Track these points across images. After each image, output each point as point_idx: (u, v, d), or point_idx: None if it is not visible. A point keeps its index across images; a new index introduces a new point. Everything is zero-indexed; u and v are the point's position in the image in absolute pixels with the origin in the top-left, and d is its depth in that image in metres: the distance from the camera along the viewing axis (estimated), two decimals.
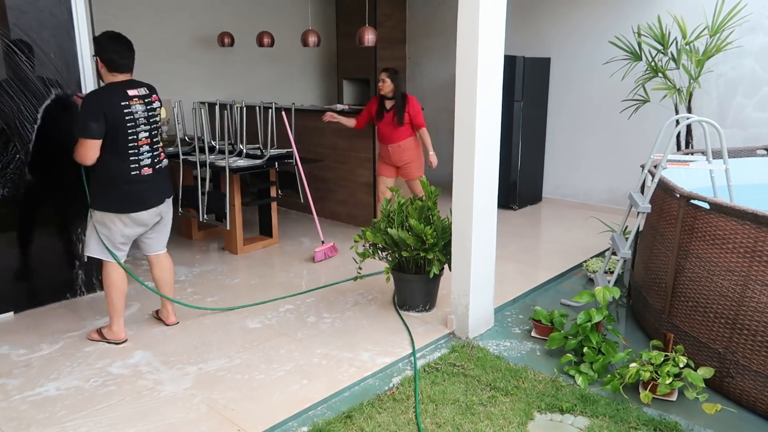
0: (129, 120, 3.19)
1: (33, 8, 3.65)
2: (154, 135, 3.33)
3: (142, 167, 3.28)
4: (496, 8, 3.20)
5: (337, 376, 3.07)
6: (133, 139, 3.22)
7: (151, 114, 3.30)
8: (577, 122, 6.69)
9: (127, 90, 3.21)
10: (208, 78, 7.39)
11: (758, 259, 2.76)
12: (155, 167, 3.35)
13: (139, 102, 3.24)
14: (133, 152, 3.23)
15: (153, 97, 3.35)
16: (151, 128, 3.31)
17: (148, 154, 3.30)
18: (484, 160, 3.34)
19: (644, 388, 2.89)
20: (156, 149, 3.35)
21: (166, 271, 3.62)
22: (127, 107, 3.18)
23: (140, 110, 3.23)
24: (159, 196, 3.39)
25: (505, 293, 4.11)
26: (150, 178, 3.32)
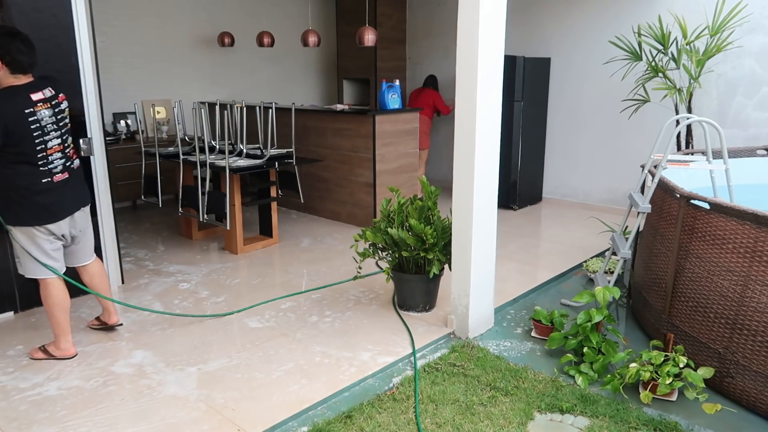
0: (35, 129, 2.87)
1: (33, 8, 3.65)
2: (65, 140, 3.05)
3: (54, 174, 3.01)
4: (496, 8, 3.20)
5: (337, 376, 3.07)
6: (41, 149, 2.92)
7: (60, 117, 3.02)
8: (577, 122, 6.69)
9: (29, 94, 2.87)
10: (208, 78, 7.39)
11: (758, 259, 2.76)
12: (69, 170, 3.09)
13: (45, 107, 2.93)
14: (42, 162, 2.94)
15: (60, 97, 3.04)
16: (62, 133, 3.03)
17: (59, 161, 3.03)
18: (484, 160, 3.34)
19: (644, 388, 2.89)
20: (67, 152, 3.09)
21: (96, 276, 3.40)
22: (32, 114, 2.86)
23: (47, 115, 2.92)
24: (74, 203, 3.13)
25: (505, 293, 4.11)
26: (63, 184, 3.05)
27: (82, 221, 3.22)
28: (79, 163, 3.23)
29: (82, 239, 3.28)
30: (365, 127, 5.63)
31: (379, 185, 5.69)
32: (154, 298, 4.10)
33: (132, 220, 6.17)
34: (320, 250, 5.19)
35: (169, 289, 4.26)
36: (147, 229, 5.83)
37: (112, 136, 6.37)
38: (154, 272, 4.60)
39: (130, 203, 6.71)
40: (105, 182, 4.09)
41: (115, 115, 6.60)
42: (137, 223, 6.04)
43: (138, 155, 5.44)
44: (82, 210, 3.20)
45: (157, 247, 5.25)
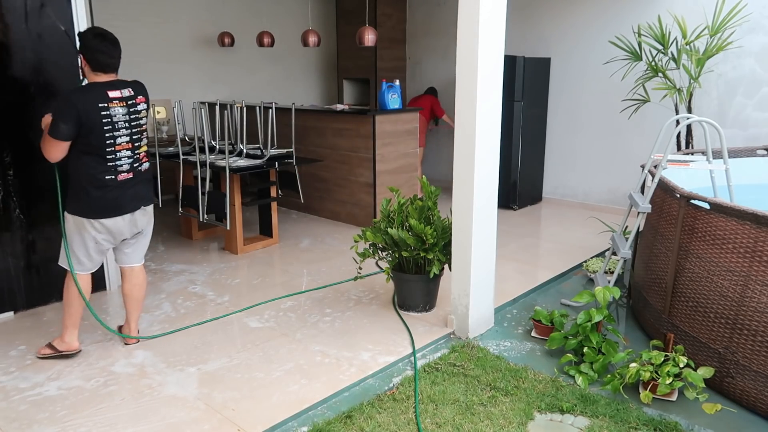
0: (106, 123, 2.97)
1: (33, 9, 3.65)
2: (136, 139, 3.12)
3: (119, 173, 3.07)
4: (496, 8, 3.20)
5: (337, 376, 3.07)
6: (110, 143, 3.01)
7: (134, 117, 3.10)
8: (577, 122, 6.69)
9: (107, 91, 3.00)
10: (208, 78, 7.39)
11: (758, 259, 2.76)
12: (135, 171, 3.15)
13: (120, 104, 3.03)
14: (110, 157, 3.02)
15: (138, 98, 3.14)
16: (133, 132, 3.10)
17: (127, 160, 3.10)
18: (484, 160, 3.34)
19: (644, 388, 2.89)
20: (137, 153, 3.15)
21: (137, 286, 3.38)
22: (105, 110, 2.97)
23: (120, 113, 3.03)
24: (135, 202, 3.16)
25: (505, 293, 4.11)
26: (126, 184, 3.11)
27: (142, 220, 3.26)
28: (147, 166, 3.28)
29: (139, 238, 3.33)
30: (365, 127, 5.63)
31: (379, 185, 5.69)
32: (156, 298, 4.09)
33: None
34: (320, 250, 5.19)
35: (170, 290, 4.26)
36: None
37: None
38: (155, 272, 4.60)
39: None
40: None
41: None
42: None
43: None
44: (143, 209, 3.23)
45: (157, 247, 5.25)
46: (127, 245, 3.32)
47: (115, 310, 3.94)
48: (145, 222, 3.30)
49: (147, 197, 3.27)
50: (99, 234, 3.11)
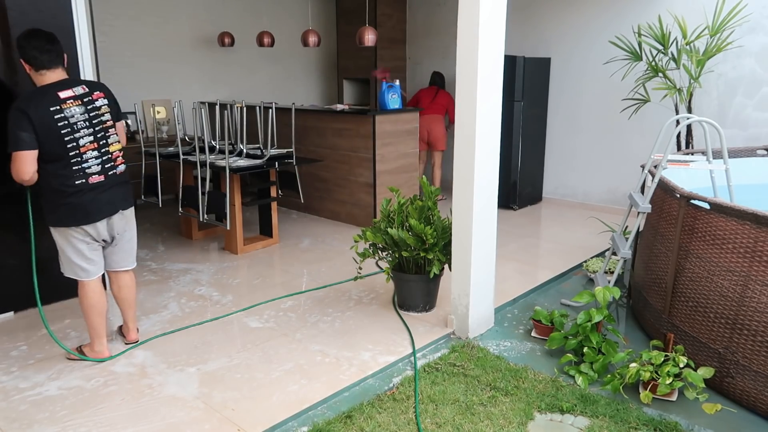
0: (63, 126, 2.85)
1: (33, 9, 3.65)
2: (100, 138, 3.00)
3: (89, 175, 2.96)
4: (496, 8, 3.20)
5: (338, 376, 3.07)
6: (72, 147, 2.89)
7: (93, 115, 2.96)
8: (577, 122, 6.69)
9: (57, 92, 2.87)
10: (208, 78, 7.39)
11: (758, 259, 2.76)
12: (107, 173, 3.04)
13: (76, 104, 2.91)
14: (75, 161, 2.91)
15: (95, 94, 2.99)
16: (96, 131, 2.98)
17: (96, 161, 2.99)
18: (484, 161, 3.34)
19: (644, 388, 2.89)
20: (105, 153, 3.03)
21: (124, 288, 3.32)
22: (59, 112, 2.85)
23: (78, 113, 2.90)
24: (111, 206, 3.07)
25: (505, 293, 4.11)
26: (100, 187, 3.01)
27: (120, 224, 3.17)
28: (123, 169, 3.17)
29: (120, 243, 3.23)
30: (365, 127, 5.63)
31: (379, 185, 5.69)
32: (156, 299, 4.10)
33: None
34: (320, 250, 5.19)
35: (171, 290, 4.26)
36: (147, 229, 5.83)
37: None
38: (155, 272, 4.60)
39: None
40: None
41: None
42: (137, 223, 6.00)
43: (138, 155, 5.44)
44: (120, 213, 3.15)
45: (157, 247, 5.25)
46: (112, 251, 3.22)
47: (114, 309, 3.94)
48: (122, 226, 3.19)
49: (125, 200, 3.16)
50: (85, 238, 3.06)
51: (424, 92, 7.03)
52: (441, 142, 6.92)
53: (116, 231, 3.17)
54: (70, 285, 4.03)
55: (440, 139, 6.90)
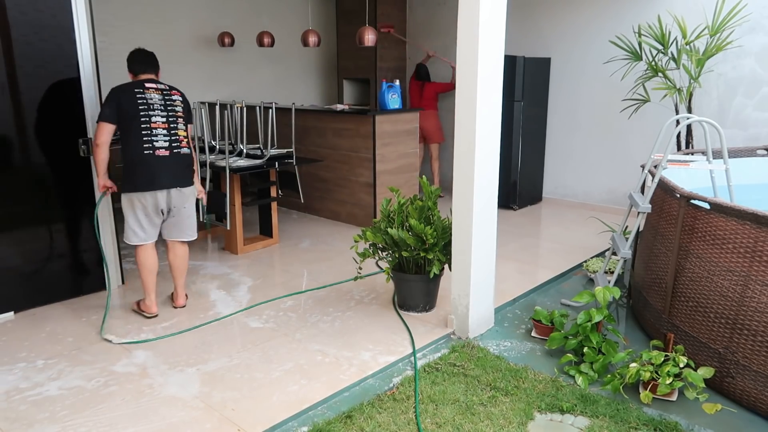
0: (142, 104, 3.53)
1: (33, 9, 3.65)
2: (171, 121, 3.61)
3: (157, 148, 3.55)
4: (496, 9, 3.20)
5: (338, 376, 3.07)
6: (145, 121, 3.53)
7: (168, 103, 3.63)
8: (577, 122, 6.69)
9: (144, 83, 3.61)
10: (208, 78, 7.39)
11: (758, 259, 2.76)
12: (172, 150, 3.60)
13: (156, 92, 3.61)
14: (146, 133, 3.53)
15: (173, 92, 3.69)
16: (169, 114, 3.61)
17: (164, 138, 3.58)
18: (484, 160, 3.34)
19: (644, 388, 2.89)
20: (174, 134, 3.62)
21: (178, 257, 3.84)
22: (141, 94, 3.55)
23: (156, 98, 3.59)
24: (171, 180, 3.59)
25: (505, 293, 4.11)
26: (164, 161, 3.57)
27: (177, 199, 3.67)
28: (187, 152, 3.70)
29: (177, 216, 3.72)
30: (365, 127, 5.63)
31: (379, 185, 5.69)
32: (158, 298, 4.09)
33: None
34: (320, 250, 5.19)
35: (172, 289, 4.26)
36: None
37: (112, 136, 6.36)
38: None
39: None
40: None
41: None
42: None
43: None
44: (177, 189, 3.64)
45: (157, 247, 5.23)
46: (169, 223, 3.74)
47: (114, 309, 3.95)
48: (180, 201, 3.69)
49: (183, 179, 3.67)
50: (146, 208, 3.59)
51: (412, 86, 7.23)
52: (436, 134, 7.09)
53: (173, 204, 3.68)
54: (67, 286, 4.06)
55: (435, 132, 7.07)
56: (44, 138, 3.82)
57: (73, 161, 3.95)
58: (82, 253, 4.07)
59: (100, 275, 4.16)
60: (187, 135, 3.71)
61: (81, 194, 4.02)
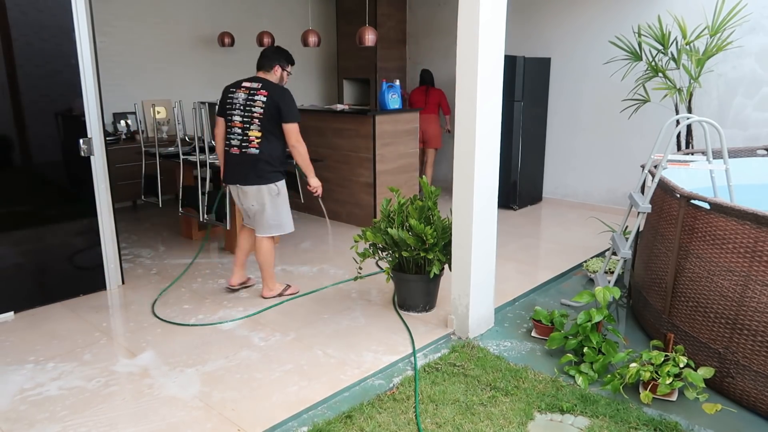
0: (229, 103, 3.81)
1: (33, 9, 3.65)
2: (246, 121, 3.77)
3: (232, 146, 3.83)
4: (496, 8, 3.20)
5: (338, 376, 3.07)
6: (230, 120, 3.82)
7: (249, 104, 3.76)
8: (577, 122, 6.69)
9: (243, 82, 3.81)
10: (208, 78, 7.39)
11: (758, 259, 2.76)
12: (241, 149, 3.79)
13: (244, 92, 3.77)
14: (229, 131, 3.84)
15: (260, 92, 3.75)
16: (244, 115, 3.77)
17: (238, 137, 3.79)
18: (484, 160, 3.34)
19: (644, 388, 2.89)
20: (245, 134, 3.77)
21: (256, 250, 4.01)
22: (233, 93, 3.81)
23: (241, 98, 3.77)
24: (236, 177, 3.83)
25: (505, 293, 4.11)
26: (233, 158, 3.82)
27: (240, 196, 3.90)
28: (255, 152, 3.77)
29: (249, 212, 3.95)
30: (365, 127, 5.63)
31: (379, 185, 5.69)
32: (157, 298, 4.10)
33: (132, 220, 6.17)
34: (320, 250, 5.19)
35: (171, 289, 4.26)
36: (147, 229, 5.83)
37: (112, 136, 6.37)
38: (155, 272, 4.60)
39: (130, 203, 6.71)
40: (105, 182, 4.09)
41: (115, 115, 6.60)
42: (137, 223, 6.04)
43: (138, 155, 5.44)
44: (238, 186, 3.85)
45: (157, 247, 5.25)
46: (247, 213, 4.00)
47: (114, 309, 3.95)
48: (243, 200, 3.89)
49: (245, 177, 3.81)
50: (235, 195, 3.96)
51: (416, 93, 7.13)
52: (436, 140, 7.07)
53: (241, 200, 3.92)
54: (67, 286, 4.06)
55: (436, 137, 7.05)
56: (44, 138, 3.83)
57: (73, 161, 3.95)
58: (82, 253, 4.08)
59: (100, 275, 4.16)
60: (261, 135, 3.75)
61: (81, 194, 4.03)
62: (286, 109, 3.73)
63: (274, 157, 3.80)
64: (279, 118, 3.74)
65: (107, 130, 6.13)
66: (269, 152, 3.77)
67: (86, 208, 4.03)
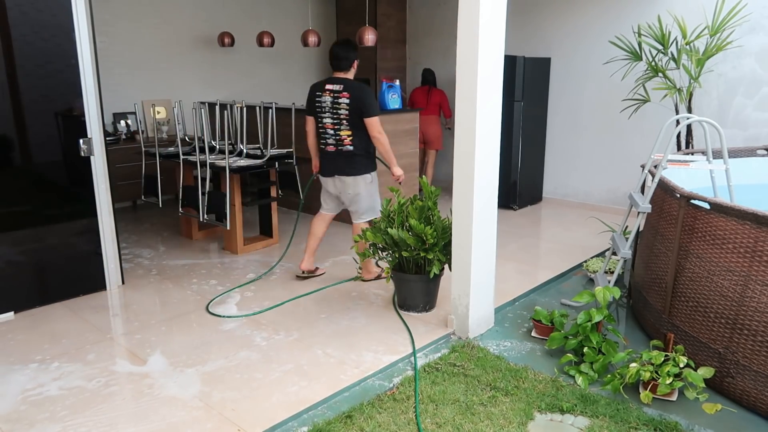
0: (318, 106, 4.11)
1: (33, 9, 3.65)
2: (336, 123, 4.07)
3: (327, 145, 4.16)
4: (496, 8, 3.20)
5: (338, 376, 3.07)
6: (320, 121, 4.14)
7: (335, 106, 4.03)
8: (577, 122, 6.69)
9: (326, 84, 4.08)
10: (208, 78, 7.39)
11: (758, 259, 2.76)
12: (337, 148, 4.12)
13: (329, 95, 4.05)
14: (321, 132, 4.18)
15: (342, 94, 4.01)
16: (333, 117, 4.06)
17: (332, 137, 4.12)
18: (484, 161, 3.34)
19: (644, 388, 2.89)
20: (338, 135, 4.08)
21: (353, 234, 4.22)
22: (319, 97, 4.10)
23: (328, 101, 4.05)
24: (332, 171, 4.18)
25: (505, 293, 4.11)
26: (330, 155, 4.16)
27: (339, 186, 4.22)
28: (351, 149, 4.10)
29: (344, 201, 4.27)
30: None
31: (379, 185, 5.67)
32: (158, 298, 4.10)
33: (132, 220, 6.17)
34: (320, 250, 5.18)
35: (170, 289, 4.26)
36: (147, 229, 5.83)
37: (112, 136, 6.37)
38: (155, 272, 4.60)
39: (130, 203, 6.71)
40: (105, 182, 4.09)
41: (115, 115, 6.60)
42: (137, 223, 6.04)
43: (138, 155, 5.44)
44: (337, 178, 4.19)
45: (157, 247, 5.25)
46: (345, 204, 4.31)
47: (114, 309, 3.95)
48: (341, 189, 4.22)
49: (342, 170, 4.15)
50: (326, 188, 4.30)
51: (418, 92, 7.09)
52: (437, 141, 7.04)
53: (339, 190, 4.25)
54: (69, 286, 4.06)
55: (437, 138, 7.02)
56: (44, 138, 3.83)
57: (73, 161, 3.95)
58: (82, 253, 4.08)
59: (100, 275, 4.16)
60: (351, 133, 4.05)
61: (81, 194, 4.03)
62: (366, 105, 3.99)
63: (365, 150, 4.13)
64: (362, 114, 4.00)
65: (107, 130, 6.13)
66: (361, 147, 4.09)
67: (86, 208, 4.03)
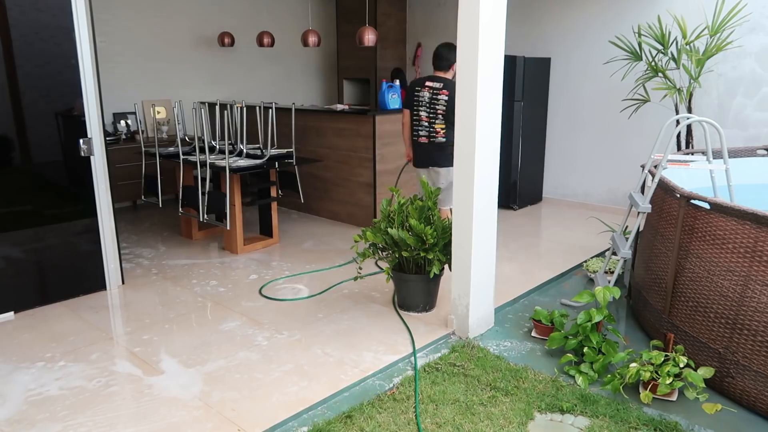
0: (416, 100, 4.50)
1: (33, 8, 3.65)
2: (432, 116, 4.46)
3: (420, 136, 4.55)
4: (496, 9, 3.20)
5: (338, 376, 3.07)
6: (416, 114, 4.54)
7: (433, 101, 4.43)
8: (577, 122, 6.69)
9: (426, 81, 4.49)
10: (208, 78, 7.40)
11: (758, 259, 2.76)
12: (429, 139, 4.50)
13: (428, 90, 4.44)
14: (416, 123, 4.56)
15: (442, 91, 4.40)
16: (430, 111, 4.46)
17: (425, 130, 4.50)
18: (484, 161, 3.34)
19: (644, 388, 2.89)
20: (432, 127, 4.47)
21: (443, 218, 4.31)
22: (418, 92, 4.50)
23: (426, 96, 4.46)
24: (425, 162, 4.58)
25: (505, 293, 4.11)
26: (422, 146, 4.55)
27: (433, 177, 4.59)
28: (443, 141, 4.47)
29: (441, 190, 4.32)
30: (365, 127, 5.63)
31: (379, 185, 5.69)
32: (158, 298, 4.10)
33: (132, 220, 6.18)
34: (320, 250, 5.19)
35: (171, 289, 4.26)
36: (147, 229, 5.84)
37: (112, 136, 6.38)
38: (155, 272, 4.60)
39: (130, 203, 6.71)
40: (105, 182, 4.09)
41: (115, 115, 6.61)
42: (137, 223, 6.04)
43: (138, 155, 5.45)
44: (431, 169, 4.59)
45: (157, 247, 5.25)
46: None
47: (115, 309, 3.95)
48: (435, 179, 4.57)
49: (434, 161, 4.54)
50: (420, 176, 4.42)
51: None
52: None
53: (433, 180, 4.55)
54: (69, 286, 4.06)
55: None
56: (44, 138, 3.83)
57: (73, 161, 3.95)
58: (82, 253, 4.08)
59: (100, 275, 4.16)
60: (445, 127, 4.42)
61: (81, 194, 4.03)
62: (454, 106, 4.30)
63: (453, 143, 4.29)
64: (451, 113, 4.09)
65: (107, 130, 6.14)
66: (452, 140, 4.20)
67: (86, 208, 4.03)
